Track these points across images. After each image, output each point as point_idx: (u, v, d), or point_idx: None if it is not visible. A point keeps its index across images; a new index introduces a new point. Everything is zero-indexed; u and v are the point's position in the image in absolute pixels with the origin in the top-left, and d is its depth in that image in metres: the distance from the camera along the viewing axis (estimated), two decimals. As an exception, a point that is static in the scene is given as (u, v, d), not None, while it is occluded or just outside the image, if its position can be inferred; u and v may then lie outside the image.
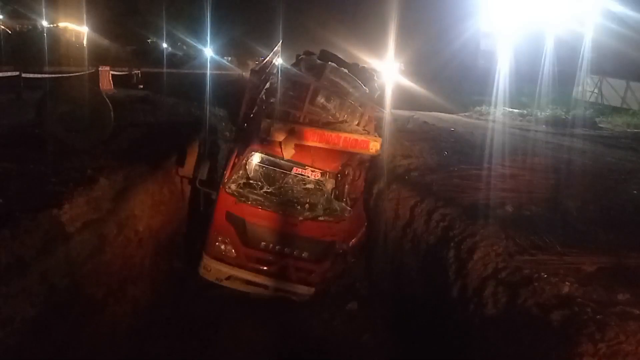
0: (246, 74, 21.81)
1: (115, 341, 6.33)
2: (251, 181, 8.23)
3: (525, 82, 24.42)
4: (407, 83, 25.54)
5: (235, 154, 8.41)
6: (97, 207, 6.53)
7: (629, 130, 19.81)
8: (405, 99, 21.88)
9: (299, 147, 7.94)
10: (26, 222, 5.15)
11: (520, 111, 24.04)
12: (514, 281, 4.80)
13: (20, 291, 4.60)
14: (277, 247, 8.17)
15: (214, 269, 8.24)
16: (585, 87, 25.30)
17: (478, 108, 25.78)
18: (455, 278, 5.71)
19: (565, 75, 24.03)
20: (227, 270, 8.22)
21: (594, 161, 11.06)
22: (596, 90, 25.68)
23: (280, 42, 13.62)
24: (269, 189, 8.23)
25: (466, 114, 25.14)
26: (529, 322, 4.19)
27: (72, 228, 5.75)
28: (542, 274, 4.72)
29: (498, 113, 23.23)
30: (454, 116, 23.20)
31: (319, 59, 9.79)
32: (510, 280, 4.87)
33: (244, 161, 8.16)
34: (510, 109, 23.98)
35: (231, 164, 8.30)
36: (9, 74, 15.92)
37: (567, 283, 4.48)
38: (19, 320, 4.48)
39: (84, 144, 8.88)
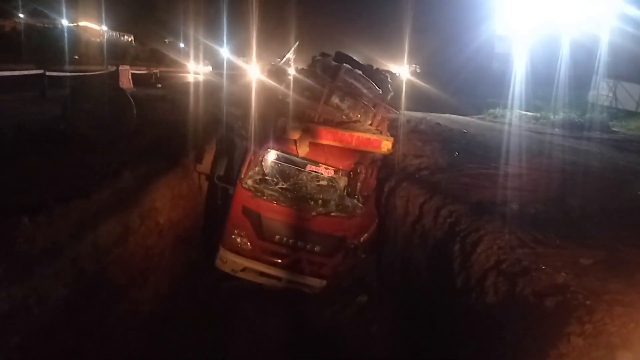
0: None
1: (137, 324, 6.70)
2: (267, 177, 8.57)
3: (540, 85, 24.45)
4: (422, 85, 25.70)
5: (251, 151, 8.75)
6: (122, 199, 6.90)
7: (642, 134, 19.84)
8: (420, 101, 22.07)
9: (313, 145, 8.27)
10: (59, 210, 5.55)
11: (535, 114, 24.06)
12: (514, 272, 5.09)
13: (55, 273, 4.97)
14: (290, 241, 8.50)
15: (229, 261, 8.59)
16: (600, 91, 25.27)
17: (492, 111, 25.84)
18: (460, 270, 6.00)
19: (580, 79, 24.02)
20: (242, 262, 8.56)
21: (603, 163, 11.22)
22: (611, 94, 25.64)
23: (297, 43, 13.97)
24: (284, 184, 8.57)
25: (480, 116, 25.22)
26: (525, 307, 4.48)
27: (99, 217, 6.12)
28: (540, 265, 5.00)
29: (512, 116, 23.30)
30: (467, 118, 23.31)
31: (334, 61, 10.08)
32: (510, 271, 5.16)
33: (260, 158, 8.51)
34: (525, 112, 24.03)
35: (248, 160, 8.64)
36: (34, 72, 16.41)
37: (562, 274, 4.75)
38: (54, 300, 4.85)
39: (108, 140, 9.28)
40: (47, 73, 16.85)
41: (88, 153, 8.41)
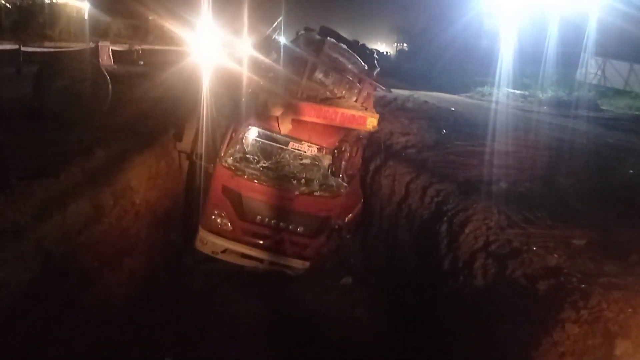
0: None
1: (110, 310, 6.41)
2: (248, 155, 8.25)
3: (528, 63, 24.19)
4: (408, 63, 25.39)
5: (232, 128, 8.41)
6: (93, 178, 6.55)
7: (630, 112, 19.74)
8: (407, 79, 21.80)
9: (296, 122, 7.95)
10: (22, 190, 5.21)
11: (522, 92, 23.86)
12: (504, 253, 4.86)
13: (16, 256, 4.65)
14: (272, 222, 8.22)
15: (210, 242, 8.30)
16: (588, 69, 25.05)
17: (480, 89, 25.60)
18: (447, 251, 5.78)
19: (568, 57, 23.80)
20: (222, 243, 8.27)
21: (592, 142, 11.06)
22: (599, 72, 25.46)
23: (281, 18, 13.52)
24: (265, 163, 8.26)
25: (468, 94, 25.00)
26: (516, 291, 4.25)
27: (67, 197, 5.78)
28: (532, 246, 4.77)
29: (500, 94, 23.08)
30: (455, 96, 23.09)
31: (319, 35, 9.74)
32: (500, 252, 4.93)
33: (241, 135, 8.18)
34: (513, 90, 23.80)
35: (228, 138, 8.31)
36: (9, 47, 15.83)
37: (555, 255, 4.54)
38: (14, 284, 4.53)
39: (82, 117, 8.90)
40: (23, 49, 16.27)
41: (59, 130, 8.03)
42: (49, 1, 34.39)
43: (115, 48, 22.68)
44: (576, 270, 4.19)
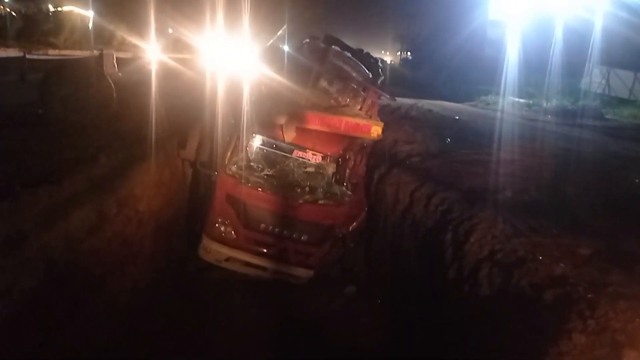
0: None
1: (113, 318, 6.39)
2: (252, 163, 8.25)
3: (532, 72, 24.17)
4: (412, 72, 25.41)
5: (236, 136, 8.41)
6: (97, 185, 6.55)
7: (635, 121, 19.69)
8: (411, 87, 21.79)
9: (301, 130, 7.94)
10: (25, 196, 5.20)
11: (527, 101, 23.82)
12: (509, 262, 4.83)
13: (19, 264, 4.64)
14: (276, 230, 8.20)
15: (213, 250, 8.28)
16: (593, 78, 25.01)
17: (484, 97, 25.58)
18: (452, 260, 5.73)
19: (573, 66, 23.77)
20: (226, 251, 8.25)
21: (597, 150, 11.02)
22: (604, 82, 25.41)
23: (285, 26, 13.58)
24: (269, 171, 8.25)
25: (472, 103, 24.98)
26: (522, 300, 4.21)
27: (71, 204, 5.77)
28: (537, 255, 4.73)
29: (504, 103, 23.05)
30: (459, 105, 23.07)
31: (323, 43, 9.75)
32: (505, 261, 4.90)
33: (245, 143, 8.17)
34: (517, 99, 23.77)
35: (232, 145, 8.30)
36: (13, 54, 15.94)
37: (561, 264, 4.49)
38: (17, 292, 4.52)
39: (86, 124, 8.92)
40: (28, 57, 16.40)
41: (64, 137, 8.04)
42: (54, 9, 34.65)
43: (119, 56, 22.79)
44: (582, 280, 4.15)
